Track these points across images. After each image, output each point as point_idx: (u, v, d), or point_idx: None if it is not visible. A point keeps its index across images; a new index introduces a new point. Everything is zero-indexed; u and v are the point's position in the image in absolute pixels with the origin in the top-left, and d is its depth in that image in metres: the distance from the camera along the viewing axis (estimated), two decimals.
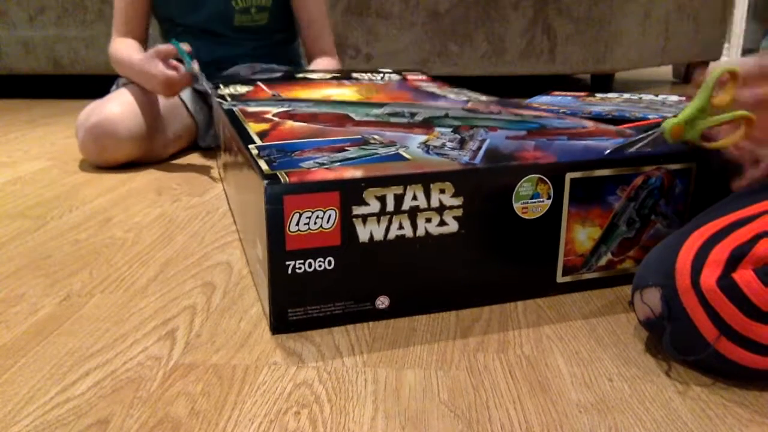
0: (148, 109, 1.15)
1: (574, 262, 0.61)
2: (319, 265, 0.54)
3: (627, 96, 1.39)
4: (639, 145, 0.61)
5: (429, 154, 0.59)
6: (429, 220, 0.55)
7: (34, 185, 1.06)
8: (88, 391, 0.47)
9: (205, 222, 0.86)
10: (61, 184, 1.07)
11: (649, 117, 1.10)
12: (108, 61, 1.25)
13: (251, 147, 0.63)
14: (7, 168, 1.19)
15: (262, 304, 0.60)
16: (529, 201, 0.58)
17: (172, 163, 1.22)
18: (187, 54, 1.09)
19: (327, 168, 0.55)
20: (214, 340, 0.54)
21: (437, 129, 0.69)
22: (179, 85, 1.11)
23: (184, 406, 0.45)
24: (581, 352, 0.52)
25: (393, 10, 1.92)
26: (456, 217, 0.56)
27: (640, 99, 1.34)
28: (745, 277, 0.44)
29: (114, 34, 1.24)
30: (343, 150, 0.61)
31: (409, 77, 1.13)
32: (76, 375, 0.49)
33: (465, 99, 0.89)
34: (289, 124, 0.73)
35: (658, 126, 0.62)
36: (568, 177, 0.58)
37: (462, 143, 0.63)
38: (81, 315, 0.59)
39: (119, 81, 1.26)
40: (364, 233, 0.54)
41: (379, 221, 0.54)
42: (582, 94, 1.43)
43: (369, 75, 1.13)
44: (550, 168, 0.57)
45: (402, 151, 0.60)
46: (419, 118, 0.75)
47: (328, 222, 0.53)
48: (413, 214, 0.55)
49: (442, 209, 0.55)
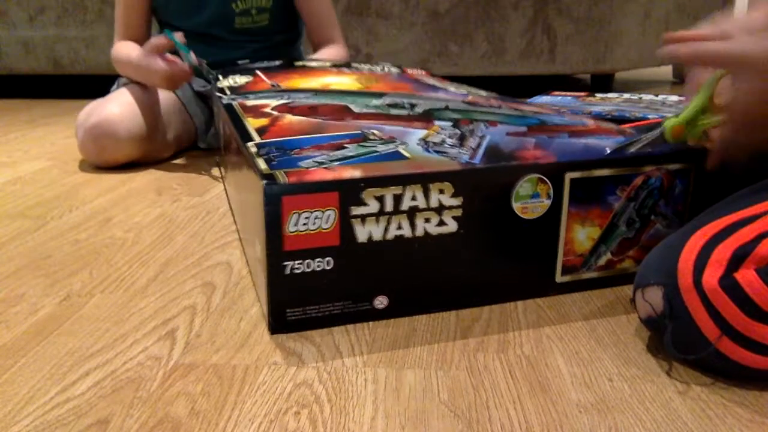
0: (147, 110, 1.15)
1: (573, 261, 0.61)
2: (318, 266, 0.54)
3: (627, 96, 1.39)
4: (639, 145, 0.61)
5: (428, 151, 0.59)
6: (428, 220, 0.55)
7: (34, 185, 1.06)
8: (88, 391, 0.47)
9: (205, 222, 0.86)
10: (61, 184, 1.07)
11: (649, 117, 1.10)
12: (108, 61, 1.25)
13: (250, 145, 0.62)
14: (7, 168, 1.19)
15: (261, 304, 0.60)
16: (529, 201, 0.58)
17: (172, 163, 1.22)
18: (182, 45, 1.09)
19: (326, 167, 0.55)
20: (214, 340, 0.54)
21: (437, 123, 0.69)
22: (180, 77, 1.11)
23: (184, 406, 0.45)
24: (581, 352, 0.52)
25: (393, 10, 1.92)
26: (455, 217, 0.56)
27: (640, 99, 1.34)
28: (747, 277, 0.44)
29: (116, 38, 1.25)
30: (342, 147, 0.60)
31: (409, 71, 1.13)
32: (76, 375, 0.49)
33: (465, 92, 0.89)
34: (288, 118, 0.73)
35: (658, 126, 0.62)
36: (568, 177, 0.58)
37: (462, 140, 0.63)
38: (81, 315, 0.59)
39: (119, 81, 1.26)
40: (362, 233, 0.54)
41: (378, 221, 0.54)
42: (582, 94, 1.43)
43: (369, 66, 1.13)
44: (550, 168, 0.57)
45: (401, 149, 0.60)
46: (419, 109, 0.74)
47: (326, 222, 0.53)
48: (412, 214, 0.55)
49: (441, 209, 0.55)
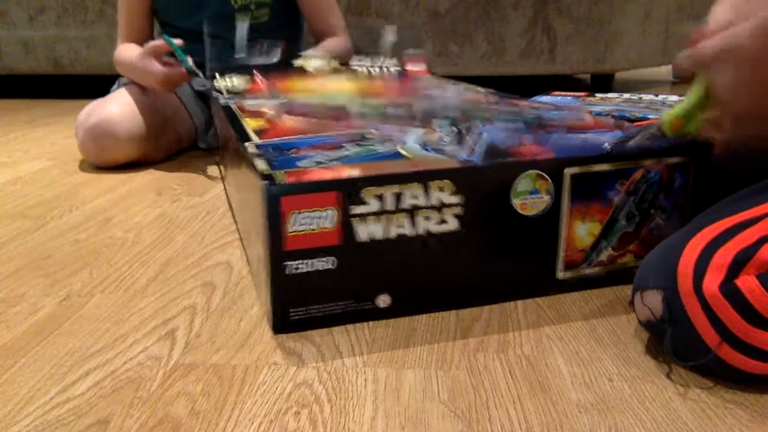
0: (147, 110, 1.15)
1: (574, 257, 0.61)
2: (320, 265, 0.54)
3: (627, 96, 1.39)
4: (637, 138, 0.61)
5: (427, 150, 0.59)
6: (428, 219, 0.55)
7: (34, 185, 1.06)
8: (88, 391, 0.47)
9: (205, 222, 0.86)
10: (61, 184, 1.07)
11: (649, 117, 1.10)
12: (109, 61, 1.25)
13: (248, 145, 0.62)
14: (7, 168, 1.19)
15: (263, 304, 0.60)
16: (528, 197, 0.58)
17: (172, 163, 1.22)
18: (179, 49, 1.09)
19: (325, 167, 0.55)
20: (214, 340, 0.54)
21: (435, 122, 0.69)
22: (176, 81, 1.12)
23: (184, 406, 0.45)
24: (581, 352, 0.52)
25: (393, 10, 1.92)
26: (456, 215, 0.56)
27: (640, 99, 1.34)
28: (748, 283, 0.44)
29: (119, 40, 1.25)
30: (340, 147, 0.60)
31: (408, 66, 1.13)
32: (76, 375, 0.49)
33: (462, 91, 0.89)
34: (286, 120, 0.73)
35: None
36: (567, 173, 0.58)
37: (460, 138, 0.63)
38: (81, 315, 0.59)
39: (120, 81, 1.26)
40: (363, 232, 0.54)
41: (378, 220, 0.54)
42: (582, 94, 1.43)
43: (368, 64, 1.12)
44: (549, 164, 0.57)
45: (400, 148, 0.60)
46: (416, 110, 0.74)
47: (327, 222, 0.53)
48: (413, 212, 0.55)
49: (441, 207, 0.55)
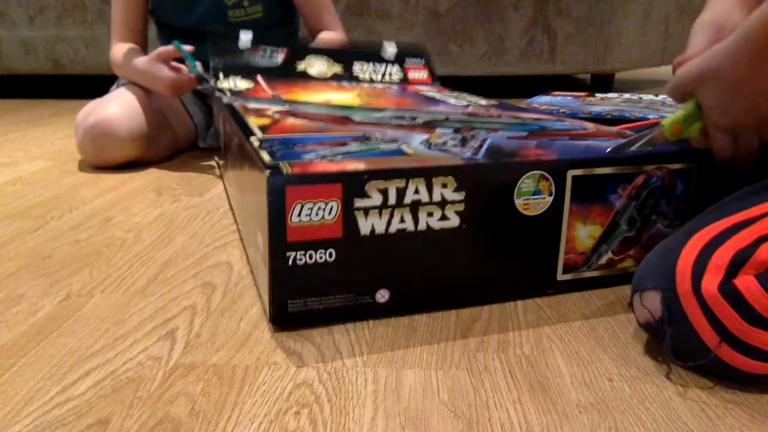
0: (147, 110, 1.15)
1: (574, 260, 0.61)
2: (320, 257, 0.54)
3: (627, 96, 1.39)
4: (638, 143, 0.61)
5: (431, 149, 0.59)
6: (431, 214, 0.55)
7: (34, 185, 1.06)
8: (88, 391, 0.47)
9: (205, 222, 0.86)
10: (61, 184, 1.07)
11: (649, 117, 1.10)
12: (109, 61, 1.25)
13: (253, 139, 0.63)
14: (7, 168, 1.19)
15: (261, 298, 0.60)
16: (531, 197, 0.58)
17: (172, 163, 1.22)
18: (190, 55, 1.09)
19: (330, 160, 0.55)
20: (214, 340, 0.54)
21: (438, 130, 0.69)
22: (185, 86, 1.12)
23: (184, 406, 0.45)
24: (581, 352, 0.52)
25: (393, 10, 1.92)
26: (457, 212, 0.56)
27: (640, 99, 1.34)
28: (746, 283, 0.44)
29: (114, 39, 1.24)
30: (344, 144, 0.61)
31: (410, 74, 1.13)
32: (76, 375, 0.49)
33: (465, 104, 0.89)
34: (291, 120, 0.73)
35: (656, 125, 0.62)
36: (570, 174, 0.58)
37: (463, 142, 0.63)
38: (81, 315, 0.59)
39: (120, 81, 1.26)
40: (365, 226, 0.54)
41: (381, 214, 0.54)
42: (582, 94, 1.43)
43: (371, 69, 1.12)
44: (552, 165, 0.57)
45: (404, 147, 0.60)
46: (420, 121, 0.75)
47: (329, 214, 0.53)
48: (415, 207, 0.55)
49: (443, 203, 0.55)
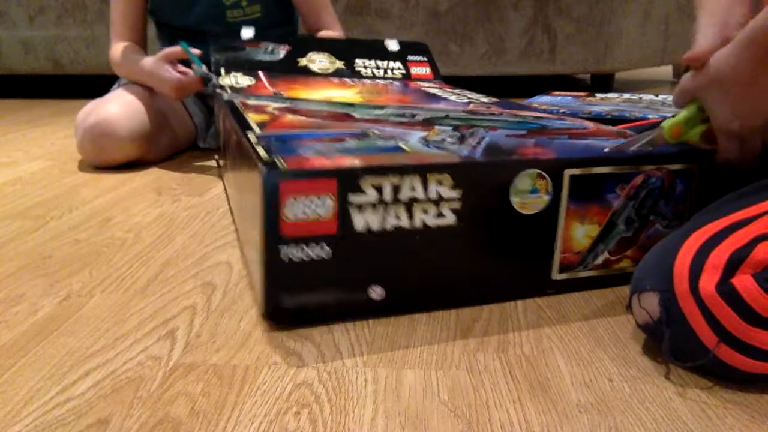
0: (147, 110, 1.15)
1: (570, 259, 0.61)
2: (315, 253, 0.53)
3: (627, 96, 1.39)
4: (638, 144, 0.61)
5: (428, 146, 0.59)
6: (426, 212, 0.55)
7: (34, 185, 1.06)
8: (88, 391, 0.47)
9: (205, 222, 0.86)
10: (61, 184, 1.07)
11: (649, 117, 1.10)
12: (108, 61, 1.25)
13: (250, 135, 0.63)
14: (7, 168, 1.19)
15: (256, 294, 0.60)
16: (528, 196, 0.58)
17: (172, 163, 1.22)
18: (196, 57, 1.09)
19: (325, 156, 0.55)
20: (214, 340, 0.54)
21: (437, 127, 0.69)
22: (190, 88, 1.12)
23: (184, 406, 0.45)
24: (581, 352, 0.52)
25: (393, 10, 1.92)
26: (453, 210, 0.56)
27: (640, 99, 1.34)
28: (744, 282, 0.44)
29: (113, 39, 1.24)
30: (342, 141, 0.61)
31: (413, 70, 1.13)
32: (76, 375, 0.49)
33: (466, 101, 0.89)
34: (290, 117, 0.73)
35: (656, 126, 0.62)
36: (567, 173, 0.58)
37: (462, 139, 0.63)
38: (81, 315, 0.59)
39: (120, 80, 1.26)
40: (360, 222, 0.54)
41: (375, 211, 0.54)
42: (582, 94, 1.43)
43: (373, 66, 1.12)
44: (550, 164, 0.57)
45: (401, 144, 0.60)
46: (419, 118, 0.75)
47: (324, 209, 0.52)
48: (410, 204, 0.55)
49: (439, 201, 0.55)
